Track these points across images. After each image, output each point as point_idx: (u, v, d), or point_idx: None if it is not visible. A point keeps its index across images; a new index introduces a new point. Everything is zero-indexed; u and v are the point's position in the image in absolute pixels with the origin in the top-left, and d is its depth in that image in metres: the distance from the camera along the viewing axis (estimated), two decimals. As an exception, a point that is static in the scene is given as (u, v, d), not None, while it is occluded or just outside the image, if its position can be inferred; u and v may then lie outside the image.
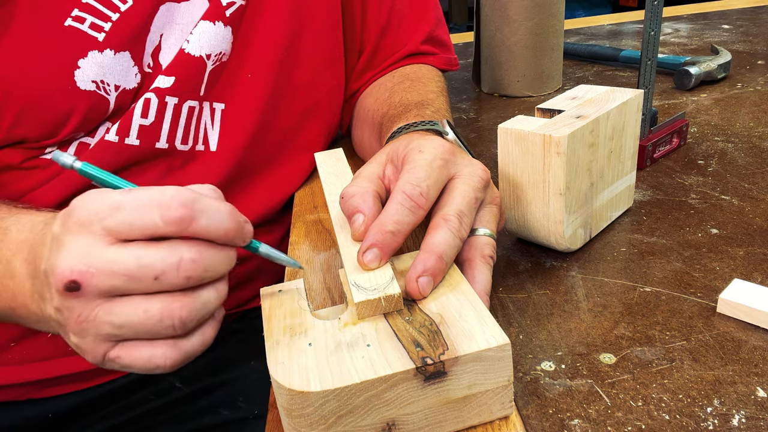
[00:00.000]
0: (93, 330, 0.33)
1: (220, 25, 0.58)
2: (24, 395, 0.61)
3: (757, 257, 0.48)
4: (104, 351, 0.34)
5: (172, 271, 0.32)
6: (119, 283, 0.32)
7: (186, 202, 0.32)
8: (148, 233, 0.32)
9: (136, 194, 0.32)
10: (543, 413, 0.35)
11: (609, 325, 0.42)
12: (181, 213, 0.32)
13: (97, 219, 0.32)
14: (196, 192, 0.33)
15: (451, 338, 0.33)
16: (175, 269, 0.32)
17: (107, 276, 0.32)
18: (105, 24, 0.53)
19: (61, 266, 0.32)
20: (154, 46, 0.57)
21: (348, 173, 0.53)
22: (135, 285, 0.32)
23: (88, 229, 0.32)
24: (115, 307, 0.32)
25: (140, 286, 0.32)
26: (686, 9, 1.44)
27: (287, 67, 0.64)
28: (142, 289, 0.32)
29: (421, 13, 0.75)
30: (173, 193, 0.32)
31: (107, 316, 0.32)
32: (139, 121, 0.56)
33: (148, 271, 0.32)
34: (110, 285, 0.32)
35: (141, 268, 0.32)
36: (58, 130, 0.53)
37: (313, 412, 0.31)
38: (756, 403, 0.35)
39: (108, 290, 0.32)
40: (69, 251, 0.32)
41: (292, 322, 0.36)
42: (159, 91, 0.56)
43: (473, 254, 0.41)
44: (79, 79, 0.52)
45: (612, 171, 0.52)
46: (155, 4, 0.56)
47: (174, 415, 0.66)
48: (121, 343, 0.34)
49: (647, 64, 0.62)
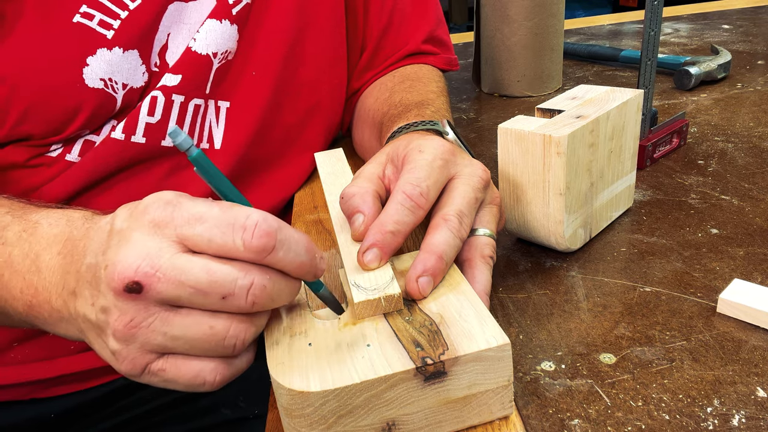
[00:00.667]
0: (143, 338, 0.31)
1: (227, 24, 0.58)
2: (26, 395, 0.61)
3: (757, 257, 0.48)
4: (147, 362, 0.32)
5: (241, 293, 0.30)
6: (184, 295, 0.30)
7: (270, 232, 0.30)
8: (223, 252, 0.30)
9: (220, 210, 0.31)
10: (543, 413, 0.35)
11: (609, 325, 0.42)
12: (264, 242, 0.30)
13: (174, 224, 0.30)
14: (279, 221, 0.32)
15: (451, 338, 0.33)
16: (244, 292, 0.30)
17: (174, 285, 0.30)
18: (114, 22, 0.53)
19: (124, 263, 0.30)
20: (162, 45, 0.57)
21: (348, 173, 0.53)
22: (200, 300, 0.30)
23: (161, 230, 0.31)
24: (176, 318, 0.31)
25: (205, 301, 0.30)
26: (686, 9, 1.44)
27: (292, 65, 0.64)
28: (205, 305, 0.31)
29: (422, 12, 0.75)
30: (258, 220, 0.30)
31: (164, 326, 0.31)
32: (146, 119, 0.56)
33: (218, 288, 0.30)
34: (174, 294, 0.30)
35: (212, 284, 0.30)
36: (65, 127, 0.53)
37: (313, 412, 0.31)
38: (756, 403, 0.35)
39: (170, 299, 0.30)
40: (136, 249, 0.30)
41: (292, 322, 0.36)
42: (166, 89, 0.56)
43: (473, 254, 0.41)
44: (87, 76, 0.52)
45: (612, 171, 0.52)
46: (164, 3, 0.56)
47: (175, 415, 0.66)
48: (167, 356, 0.32)
49: (647, 64, 0.62)
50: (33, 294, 0.37)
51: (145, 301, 0.30)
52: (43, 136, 0.53)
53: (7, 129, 0.52)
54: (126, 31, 0.53)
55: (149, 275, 0.30)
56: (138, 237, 0.31)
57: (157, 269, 0.30)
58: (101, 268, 0.31)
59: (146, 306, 0.30)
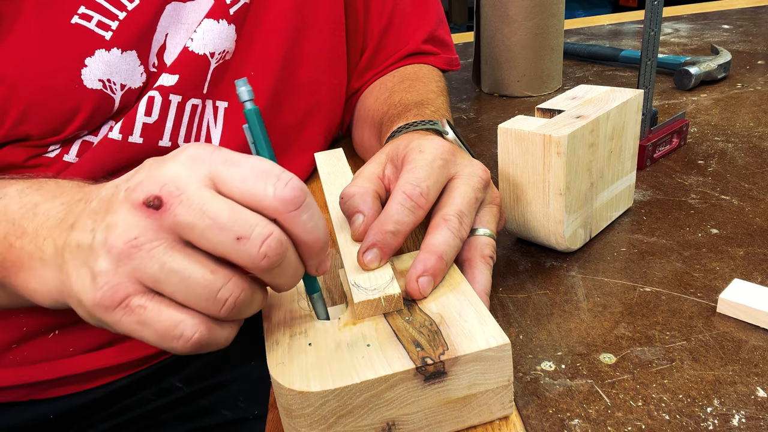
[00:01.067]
0: (138, 262, 0.29)
1: (224, 23, 0.58)
2: (26, 396, 0.61)
3: (757, 257, 0.48)
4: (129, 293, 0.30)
5: (257, 240, 0.29)
6: (201, 224, 0.29)
7: (303, 188, 0.31)
8: (251, 197, 0.30)
9: (258, 160, 0.31)
10: (543, 413, 0.35)
11: (609, 325, 0.42)
12: (294, 195, 0.30)
13: (210, 161, 0.30)
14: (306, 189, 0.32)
15: (451, 338, 0.33)
16: (260, 240, 0.29)
17: (194, 211, 0.29)
18: (112, 23, 0.53)
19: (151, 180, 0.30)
20: (160, 46, 0.57)
21: (348, 173, 0.53)
22: (214, 235, 0.29)
23: (197, 164, 0.30)
24: (180, 253, 0.30)
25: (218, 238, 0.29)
26: (686, 9, 1.44)
27: (290, 65, 0.64)
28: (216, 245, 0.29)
29: (423, 12, 0.75)
30: (293, 176, 0.31)
31: (165, 255, 0.29)
32: (143, 119, 0.56)
33: (235, 226, 0.29)
34: (191, 221, 0.29)
35: (232, 220, 0.29)
36: (63, 127, 0.53)
37: (313, 412, 0.31)
38: (756, 403, 0.35)
39: (185, 225, 0.29)
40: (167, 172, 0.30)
41: (292, 322, 0.36)
42: (163, 89, 0.56)
43: (473, 254, 0.41)
44: (86, 77, 0.52)
45: (612, 171, 0.52)
46: (161, 4, 0.56)
47: (175, 415, 0.66)
48: (153, 294, 0.30)
49: (647, 64, 0.62)
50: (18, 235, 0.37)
51: (160, 221, 0.29)
52: (41, 136, 0.53)
53: (6, 129, 0.52)
54: (124, 32, 0.53)
55: (173, 195, 0.29)
56: (172, 166, 0.30)
57: (182, 192, 0.29)
58: (122, 190, 0.31)
59: (158, 227, 0.30)
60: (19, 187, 0.41)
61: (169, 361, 0.64)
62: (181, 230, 0.30)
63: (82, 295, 0.31)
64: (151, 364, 0.63)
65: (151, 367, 0.63)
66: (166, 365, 0.64)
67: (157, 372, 0.64)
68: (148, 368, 0.63)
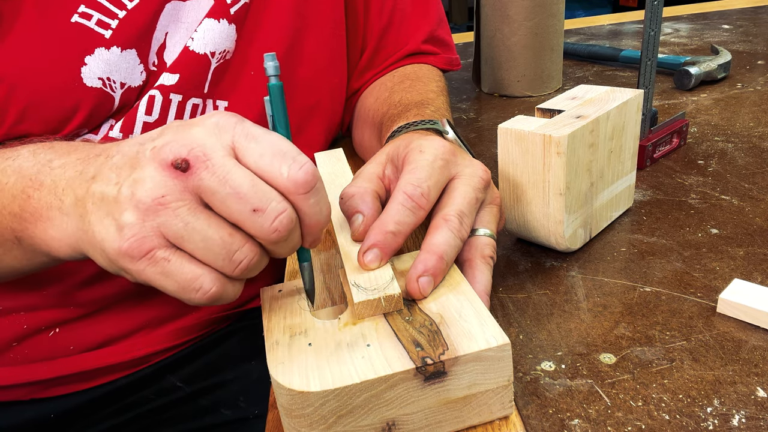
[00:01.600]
0: (164, 218, 0.31)
1: (225, 23, 0.58)
2: (26, 395, 0.61)
3: (757, 257, 0.48)
4: (154, 246, 0.32)
5: (271, 214, 0.31)
6: (222, 192, 0.31)
7: (315, 173, 0.32)
8: (266, 174, 0.32)
9: (277, 138, 0.33)
10: (543, 413, 0.35)
11: (609, 325, 0.42)
12: (307, 178, 0.32)
13: (234, 131, 0.32)
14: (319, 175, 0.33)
15: (451, 338, 0.33)
16: (274, 215, 0.31)
17: (218, 178, 0.31)
18: (112, 21, 0.53)
19: (181, 142, 0.31)
20: (160, 44, 0.57)
21: (348, 173, 0.53)
22: (233, 203, 0.31)
23: (221, 133, 0.32)
24: (203, 214, 0.31)
25: (236, 208, 0.31)
26: (686, 9, 1.44)
27: (290, 65, 0.64)
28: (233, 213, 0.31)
29: (423, 12, 0.75)
30: (308, 160, 0.32)
31: (189, 215, 0.31)
32: (143, 118, 0.56)
33: (254, 199, 0.31)
34: (213, 187, 0.31)
35: (251, 193, 0.31)
36: (63, 126, 0.53)
37: (313, 412, 0.31)
38: (756, 403, 0.35)
39: (208, 191, 0.31)
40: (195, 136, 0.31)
41: (292, 322, 0.36)
42: (163, 89, 0.56)
43: (473, 254, 0.41)
44: (85, 76, 0.52)
45: (612, 171, 0.52)
46: (161, 2, 0.56)
47: (175, 415, 0.66)
48: (176, 248, 0.32)
49: (647, 64, 0.62)
50: (36, 187, 0.38)
51: (185, 182, 0.31)
52: (41, 135, 0.53)
53: (6, 128, 0.52)
54: (124, 31, 0.53)
55: (201, 159, 0.31)
56: (199, 131, 0.32)
57: (209, 158, 0.31)
58: (148, 149, 0.32)
59: (183, 188, 0.31)
60: (31, 148, 0.42)
61: (169, 361, 0.64)
62: (204, 193, 0.31)
63: (106, 243, 0.32)
64: (151, 363, 0.63)
65: (152, 367, 0.63)
66: (166, 365, 0.64)
67: (158, 371, 0.64)
68: (149, 367, 0.63)
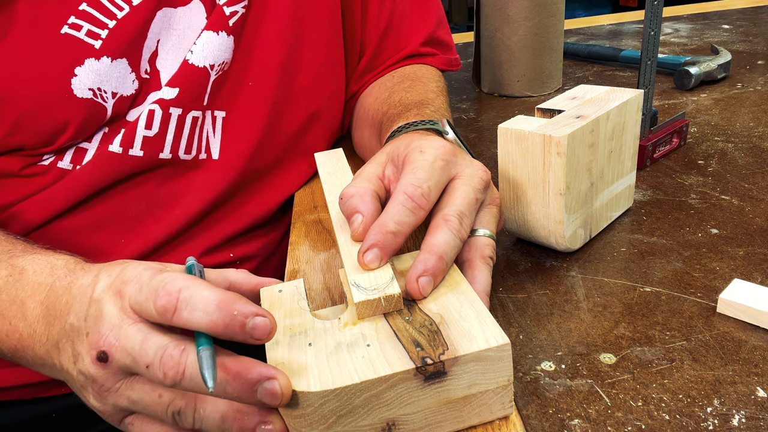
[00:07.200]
0: (113, 400, 0.35)
1: (223, 35, 0.58)
2: (28, 395, 0.61)
3: (757, 257, 0.48)
4: (121, 417, 0.36)
5: (156, 364, 0.32)
6: (130, 363, 0.33)
7: (171, 291, 0.31)
8: (153, 320, 0.33)
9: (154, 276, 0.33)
10: (543, 413, 0.35)
11: (609, 325, 0.42)
12: (165, 302, 0.31)
13: (126, 295, 0.34)
14: (191, 280, 0.32)
15: (451, 338, 0.33)
16: (158, 364, 0.31)
17: (123, 352, 0.33)
18: (102, 31, 0.53)
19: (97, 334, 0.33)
20: (151, 52, 0.57)
21: (348, 173, 0.53)
22: (137, 368, 0.33)
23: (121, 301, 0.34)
24: (137, 384, 0.34)
25: (139, 370, 0.32)
26: (686, 9, 1.44)
27: (289, 74, 0.64)
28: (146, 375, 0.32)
29: (423, 13, 0.75)
30: (166, 280, 0.32)
31: (128, 390, 0.34)
32: (143, 132, 0.56)
33: (142, 358, 0.32)
34: (124, 362, 0.33)
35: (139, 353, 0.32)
36: (56, 137, 0.53)
37: (313, 412, 0.31)
38: (756, 403, 0.35)
39: (125, 367, 0.33)
40: (107, 321, 0.34)
41: (292, 322, 0.36)
42: (163, 103, 0.56)
43: (473, 255, 0.41)
44: (75, 86, 0.52)
45: (612, 171, 0.52)
46: (152, 11, 0.56)
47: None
48: (136, 414, 0.36)
49: (647, 64, 0.62)
50: (18, 339, 0.40)
51: (111, 368, 0.34)
52: (35, 146, 0.54)
53: None
54: (114, 41, 0.53)
55: (113, 345, 0.33)
56: (108, 309, 0.34)
57: (117, 339, 0.33)
58: (83, 334, 0.35)
59: (114, 373, 0.34)
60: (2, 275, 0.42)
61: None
62: (126, 369, 0.34)
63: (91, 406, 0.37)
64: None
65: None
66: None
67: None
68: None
